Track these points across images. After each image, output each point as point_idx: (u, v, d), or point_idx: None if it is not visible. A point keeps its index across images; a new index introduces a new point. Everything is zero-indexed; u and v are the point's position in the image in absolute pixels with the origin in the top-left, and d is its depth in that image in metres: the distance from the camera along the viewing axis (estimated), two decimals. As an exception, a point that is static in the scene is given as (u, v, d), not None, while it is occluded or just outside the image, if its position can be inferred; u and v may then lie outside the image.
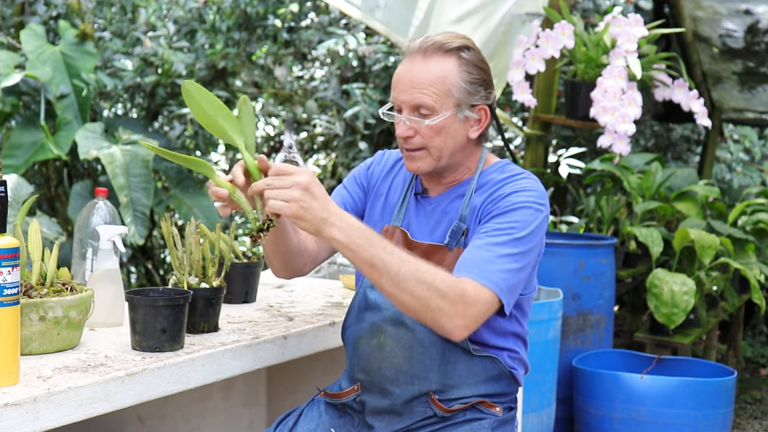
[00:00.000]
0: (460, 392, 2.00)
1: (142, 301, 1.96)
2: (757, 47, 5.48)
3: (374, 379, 2.03)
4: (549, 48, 4.14)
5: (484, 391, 2.02)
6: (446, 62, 1.97)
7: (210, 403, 2.85)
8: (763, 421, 4.85)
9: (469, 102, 1.98)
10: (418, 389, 1.99)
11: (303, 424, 2.11)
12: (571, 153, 4.93)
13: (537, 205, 1.94)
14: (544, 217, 1.95)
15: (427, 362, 1.98)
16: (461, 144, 2.01)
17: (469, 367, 1.99)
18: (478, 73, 1.99)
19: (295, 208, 1.73)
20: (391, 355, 2.00)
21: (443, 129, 1.97)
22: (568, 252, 4.05)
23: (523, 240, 1.89)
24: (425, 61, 1.97)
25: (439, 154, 1.99)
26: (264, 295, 2.60)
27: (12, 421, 1.58)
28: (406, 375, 1.99)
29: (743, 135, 7.72)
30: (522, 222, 1.91)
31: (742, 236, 4.45)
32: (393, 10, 4.06)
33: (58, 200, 5.03)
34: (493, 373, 2.02)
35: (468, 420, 2.00)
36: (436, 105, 1.96)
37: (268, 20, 5.38)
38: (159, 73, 5.00)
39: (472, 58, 1.99)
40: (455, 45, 1.97)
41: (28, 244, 1.96)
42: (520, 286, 1.93)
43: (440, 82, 1.95)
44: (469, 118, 2.00)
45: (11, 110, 4.65)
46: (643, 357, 4.13)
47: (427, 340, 1.97)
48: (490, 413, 2.02)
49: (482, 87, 2.00)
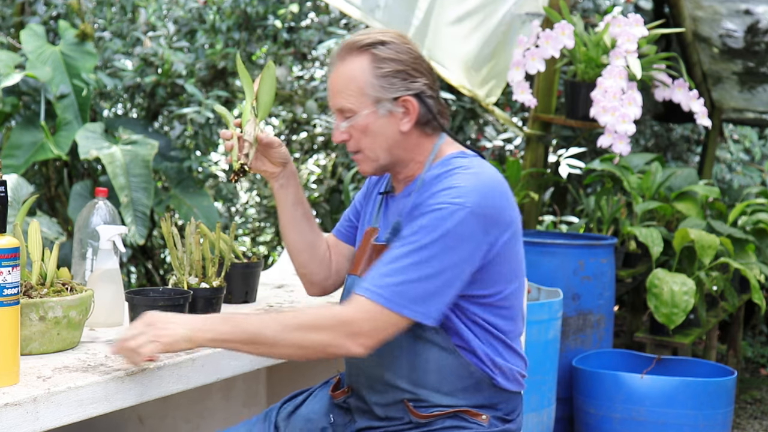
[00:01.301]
0: (434, 400, 1.94)
1: (142, 301, 1.96)
2: (757, 47, 5.48)
3: (355, 384, 2.05)
4: (549, 48, 4.14)
5: (464, 402, 1.95)
6: (357, 61, 1.95)
7: (210, 403, 2.85)
8: (763, 421, 4.85)
9: (388, 96, 1.94)
10: (392, 397, 1.97)
11: (311, 403, 2.13)
12: (571, 153, 4.93)
13: (454, 205, 1.84)
14: (468, 212, 1.84)
15: (395, 369, 1.95)
16: (395, 140, 1.97)
17: (440, 376, 1.93)
18: (392, 66, 1.94)
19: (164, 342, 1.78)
20: (367, 363, 1.98)
21: (367, 128, 1.95)
22: (568, 252, 4.05)
23: (430, 246, 1.82)
24: (340, 65, 1.97)
25: (374, 154, 1.98)
26: (264, 295, 2.60)
27: (12, 421, 1.58)
28: (379, 383, 1.98)
29: (743, 135, 7.72)
30: (428, 227, 1.83)
31: (742, 236, 4.45)
32: (393, 10, 4.06)
33: (58, 200, 5.03)
34: (470, 382, 1.94)
35: (447, 428, 1.94)
36: (354, 106, 1.95)
37: (268, 20, 5.38)
38: (159, 73, 5.00)
39: (385, 53, 1.95)
40: (367, 42, 1.95)
41: (28, 244, 1.96)
42: (440, 294, 1.83)
43: (353, 83, 1.94)
44: (394, 112, 1.95)
45: (11, 110, 4.65)
46: (643, 357, 4.13)
47: (395, 348, 1.93)
48: (475, 422, 1.95)
49: (398, 78, 1.94)
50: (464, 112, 5.57)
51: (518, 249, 1.98)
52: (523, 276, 2.03)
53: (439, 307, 1.85)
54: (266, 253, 5.99)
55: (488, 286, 1.92)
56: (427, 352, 1.92)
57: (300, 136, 5.83)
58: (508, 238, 1.92)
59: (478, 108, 5.52)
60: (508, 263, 1.94)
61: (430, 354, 1.92)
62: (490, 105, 4.53)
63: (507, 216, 1.92)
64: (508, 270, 1.94)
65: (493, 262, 1.90)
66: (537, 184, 4.64)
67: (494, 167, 2.00)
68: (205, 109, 4.82)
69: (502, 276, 1.94)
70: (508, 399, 2.01)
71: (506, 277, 1.94)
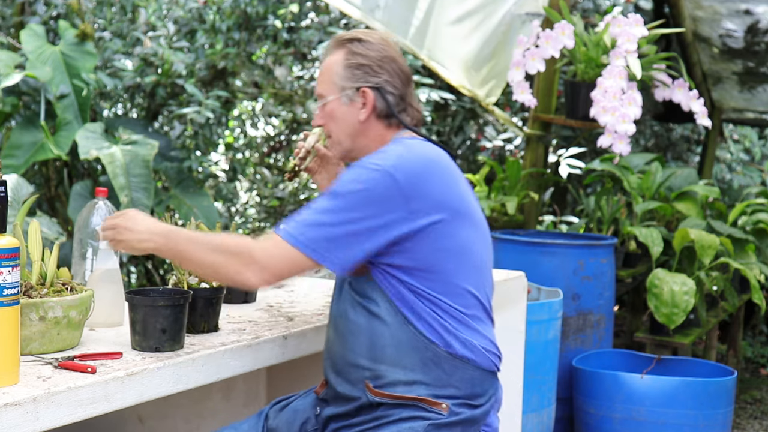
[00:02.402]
0: (393, 375, 1.98)
1: (142, 301, 1.96)
2: (757, 47, 5.48)
3: (325, 369, 2.13)
4: (549, 48, 4.14)
5: (423, 377, 1.98)
6: (335, 53, 2.14)
7: (210, 403, 2.85)
8: (763, 421, 4.85)
9: (350, 85, 2.11)
10: (354, 377, 2.02)
11: (301, 398, 2.22)
12: (571, 153, 4.93)
13: (374, 165, 1.95)
14: (385, 174, 1.93)
15: (356, 349, 2.02)
16: (355, 128, 2.12)
17: (397, 349, 1.98)
18: (358, 59, 2.11)
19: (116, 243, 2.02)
20: (331, 346, 2.10)
21: (333, 113, 2.13)
22: (568, 252, 4.05)
23: (341, 196, 1.94)
24: (325, 56, 2.17)
25: (338, 138, 2.15)
26: (264, 295, 2.60)
27: (12, 421, 1.58)
28: (342, 363, 2.05)
29: (743, 135, 7.72)
30: (345, 180, 1.96)
31: (742, 236, 4.45)
32: (393, 10, 4.06)
33: (58, 200, 5.03)
34: (427, 354, 1.97)
35: (403, 419, 1.96)
36: (323, 92, 2.14)
37: (268, 20, 5.38)
38: (159, 73, 5.00)
39: (358, 48, 2.12)
40: (346, 38, 2.14)
41: (28, 244, 1.96)
42: (343, 243, 1.92)
43: (327, 71, 2.14)
44: (355, 101, 2.11)
45: (11, 110, 4.65)
46: (643, 357, 4.13)
47: (355, 328, 2.02)
48: (434, 411, 1.97)
49: (361, 71, 2.10)
50: (464, 112, 5.57)
51: (464, 235, 2.01)
52: (482, 267, 2.06)
53: (343, 256, 1.93)
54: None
55: (421, 260, 1.97)
56: (383, 327, 1.99)
57: (300, 136, 5.83)
58: (443, 220, 1.97)
59: (478, 108, 5.53)
60: (444, 242, 1.98)
61: (386, 329, 1.99)
62: (490, 105, 4.53)
63: (437, 195, 1.97)
64: (447, 249, 1.98)
65: (423, 237, 1.96)
66: (537, 184, 4.64)
67: (442, 152, 2.07)
68: (205, 109, 4.82)
69: (440, 253, 1.98)
70: (472, 378, 2.01)
71: (445, 256, 1.98)
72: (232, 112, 5.99)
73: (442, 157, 2.05)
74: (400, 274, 1.97)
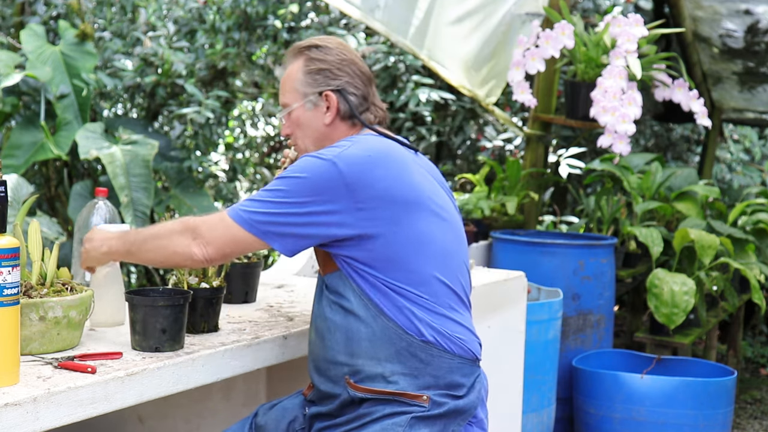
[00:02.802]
0: (371, 368, 2.00)
1: (142, 301, 1.96)
2: (757, 47, 5.48)
3: (309, 372, 2.14)
4: (549, 48, 4.14)
5: (400, 368, 1.98)
6: (294, 62, 2.17)
7: (210, 403, 2.85)
8: (763, 421, 4.85)
9: (312, 90, 2.14)
10: (333, 374, 2.04)
11: (291, 398, 2.24)
12: (571, 153, 4.93)
13: (320, 156, 1.99)
14: (329, 165, 1.96)
15: (334, 346, 2.04)
16: (321, 132, 2.14)
17: (372, 342, 2.00)
18: (317, 65, 2.14)
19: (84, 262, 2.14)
20: (312, 346, 2.11)
21: (298, 121, 2.16)
22: (568, 252, 4.05)
23: (285, 180, 1.98)
24: (285, 67, 2.20)
25: (303, 144, 2.17)
26: (264, 295, 2.60)
27: (12, 421, 1.58)
28: (323, 361, 2.07)
29: (743, 135, 7.72)
30: (291, 169, 2.01)
31: (742, 236, 4.45)
32: (393, 10, 4.05)
33: (58, 200, 5.03)
34: (401, 345, 1.98)
35: (386, 415, 1.98)
36: (287, 100, 2.17)
37: (268, 20, 5.38)
38: (159, 73, 5.00)
39: (315, 54, 2.15)
40: (304, 45, 2.17)
41: (28, 244, 1.96)
42: (290, 230, 1.97)
43: (288, 80, 2.17)
44: (319, 106, 2.14)
45: (11, 110, 4.65)
46: (643, 357, 4.13)
47: (332, 326, 2.04)
48: (415, 404, 1.98)
49: (321, 75, 2.13)
50: (464, 112, 5.57)
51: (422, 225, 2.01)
52: (449, 255, 2.06)
53: (285, 238, 1.98)
54: (266, 253, 5.99)
55: (380, 252, 1.98)
56: (357, 322, 2.01)
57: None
58: (394, 212, 1.98)
59: (478, 108, 5.52)
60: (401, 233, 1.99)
61: (359, 324, 2.01)
62: (490, 105, 4.53)
63: (383, 186, 1.98)
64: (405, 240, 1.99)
65: (378, 230, 1.97)
66: (537, 184, 4.64)
67: (394, 144, 2.08)
68: (205, 109, 4.82)
69: (398, 245, 1.98)
70: (450, 367, 2.02)
71: (404, 246, 1.99)
72: (232, 112, 5.99)
73: (392, 149, 2.05)
74: (363, 267, 2.00)
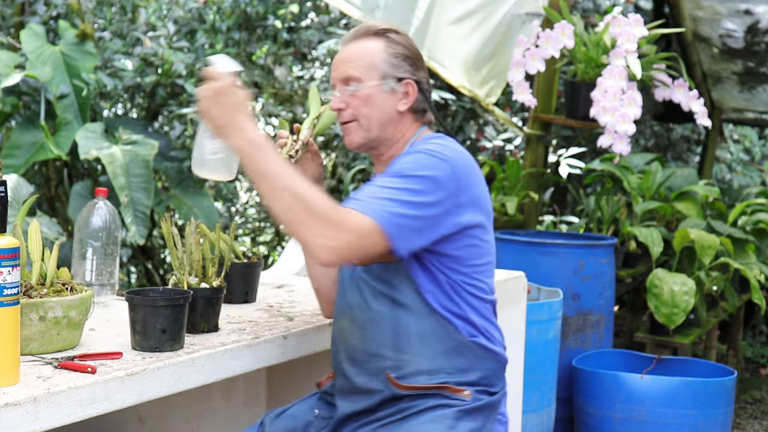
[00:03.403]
0: (416, 365, 1.99)
1: (142, 301, 1.96)
2: (757, 47, 5.48)
3: (339, 362, 2.10)
4: (549, 48, 4.14)
5: (446, 365, 1.99)
6: (373, 41, 2.10)
7: (210, 403, 2.85)
8: (763, 421, 4.85)
9: (395, 75, 2.08)
10: (374, 367, 2.02)
11: (298, 404, 2.21)
12: (571, 153, 4.93)
13: (440, 155, 1.95)
14: (450, 166, 1.94)
15: (378, 338, 2.01)
16: (390, 116, 2.08)
17: (422, 339, 1.99)
18: (403, 50, 2.10)
19: (202, 105, 1.91)
20: (349, 337, 2.07)
21: (370, 98, 2.06)
22: (568, 252, 4.05)
23: (416, 179, 1.90)
24: (353, 43, 2.12)
25: (368, 123, 2.08)
26: (264, 295, 2.60)
27: (12, 421, 1.58)
28: (362, 353, 2.04)
29: (743, 135, 7.72)
30: (414, 164, 1.94)
31: (742, 236, 4.45)
32: (393, 10, 4.06)
33: (58, 200, 5.03)
34: (451, 344, 1.99)
35: (430, 408, 1.98)
36: (362, 76, 2.07)
37: (268, 20, 5.38)
38: (159, 73, 5.00)
39: (399, 39, 2.11)
40: (382, 28, 2.11)
41: (28, 244, 1.96)
42: (418, 230, 1.90)
43: (366, 55, 2.08)
44: (396, 90, 2.08)
45: (11, 110, 4.65)
46: (643, 357, 4.13)
47: (377, 318, 2.01)
48: (457, 399, 1.99)
49: (406, 62, 2.09)
50: (464, 112, 5.57)
51: (490, 237, 2.08)
52: (494, 260, 2.11)
53: (412, 240, 1.90)
54: (266, 253, 5.99)
55: (461, 251, 1.99)
56: (408, 316, 1.99)
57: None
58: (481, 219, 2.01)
59: (478, 108, 5.52)
60: (479, 239, 2.02)
61: (410, 318, 1.99)
62: (490, 105, 4.53)
63: (479, 194, 2.02)
64: (480, 246, 2.03)
65: (464, 230, 1.98)
66: (537, 184, 4.64)
67: None
68: (205, 109, 4.81)
69: (475, 249, 2.02)
70: (490, 368, 2.05)
71: (479, 252, 2.03)
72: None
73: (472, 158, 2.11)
74: (437, 263, 1.97)
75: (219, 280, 2.20)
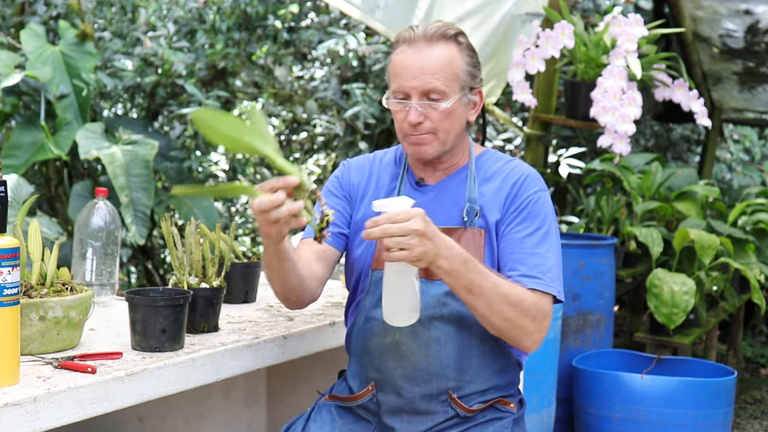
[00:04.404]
0: (475, 386, 2.02)
1: (142, 301, 1.96)
2: (757, 47, 5.48)
3: (389, 377, 2.03)
4: (549, 48, 4.14)
5: (496, 383, 2.05)
6: (450, 48, 2.01)
7: (210, 403, 2.85)
8: (763, 421, 4.85)
9: (471, 85, 2.04)
10: (436, 387, 2.01)
11: (314, 429, 2.08)
12: (571, 153, 4.93)
13: (542, 190, 2.04)
14: (548, 194, 2.07)
15: (444, 359, 1.99)
16: (462, 127, 2.07)
17: (482, 360, 2.02)
18: (474, 56, 2.07)
19: (415, 254, 1.77)
20: (408, 354, 2.00)
21: (452, 113, 2.00)
22: (568, 252, 4.05)
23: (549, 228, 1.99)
24: (431, 48, 2.00)
25: (446, 137, 2.02)
26: (264, 295, 2.60)
27: (12, 421, 1.58)
28: (424, 373, 2.00)
29: (743, 135, 7.72)
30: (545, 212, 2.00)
31: (742, 236, 4.45)
32: (393, 10, 4.05)
33: (58, 200, 5.03)
34: (503, 364, 2.05)
35: (490, 420, 2.02)
36: (447, 89, 1.99)
37: (268, 20, 5.38)
38: (159, 73, 5.00)
39: (468, 43, 2.06)
40: (453, 32, 2.03)
41: (28, 244, 1.96)
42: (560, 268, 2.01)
43: (449, 67, 1.99)
44: (470, 101, 2.06)
45: (11, 110, 4.64)
46: (643, 357, 4.13)
47: (443, 338, 1.99)
48: (507, 411, 2.06)
49: (477, 69, 2.07)
50: (464, 112, 5.55)
51: None
52: None
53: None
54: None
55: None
56: (471, 337, 2.00)
57: (300, 136, 5.83)
58: None
59: (478, 108, 5.51)
60: None
61: (474, 339, 2.00)
62: (490, 105, 4.53)
63: None
64: None
65: None
66: (537, 184, 4.63)
67: None
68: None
69: None
70: (518, 378, 2.14)
71: None
72: (232, 112, 5.99)
73: None
74: None
75: (219, 280, 2.20)
